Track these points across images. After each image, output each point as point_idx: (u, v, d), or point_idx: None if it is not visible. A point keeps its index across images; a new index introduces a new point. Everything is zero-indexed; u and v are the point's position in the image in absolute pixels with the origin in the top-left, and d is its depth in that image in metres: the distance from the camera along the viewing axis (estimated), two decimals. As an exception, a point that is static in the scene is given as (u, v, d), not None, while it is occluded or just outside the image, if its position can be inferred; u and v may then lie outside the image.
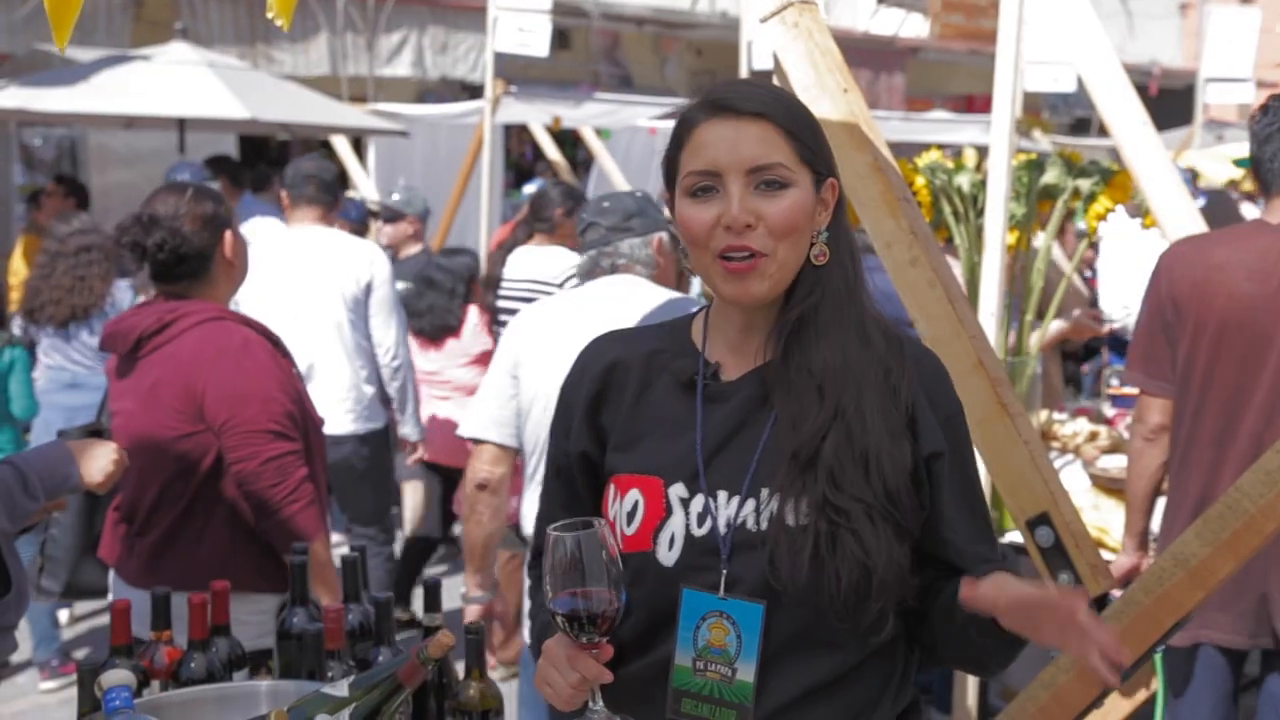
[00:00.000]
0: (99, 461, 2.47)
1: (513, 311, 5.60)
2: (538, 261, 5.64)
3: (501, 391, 3.12)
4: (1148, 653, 2.45)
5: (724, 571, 1.65)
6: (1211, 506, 2.40)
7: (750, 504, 1.67)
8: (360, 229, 7.50)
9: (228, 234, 3.05)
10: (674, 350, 1.78)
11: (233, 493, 2.95)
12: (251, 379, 2.93)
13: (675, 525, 1.68)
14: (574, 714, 1.63)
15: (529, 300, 5.57)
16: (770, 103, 1.67)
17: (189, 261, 3.00)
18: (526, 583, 1.89)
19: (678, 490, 1.69)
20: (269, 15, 1.75)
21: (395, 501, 6.01)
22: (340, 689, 1.71)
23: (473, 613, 3.21)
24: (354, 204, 7.83)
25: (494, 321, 5.72)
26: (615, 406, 1.78)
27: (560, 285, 5.55)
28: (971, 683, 3.57)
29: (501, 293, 5.67)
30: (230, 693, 2.01)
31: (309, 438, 3.03)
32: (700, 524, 1.68)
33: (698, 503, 1.68)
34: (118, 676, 1.89)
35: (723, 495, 1.68)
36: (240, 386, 2.92)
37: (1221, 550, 2.35)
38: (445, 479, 6.02)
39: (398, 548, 6.01)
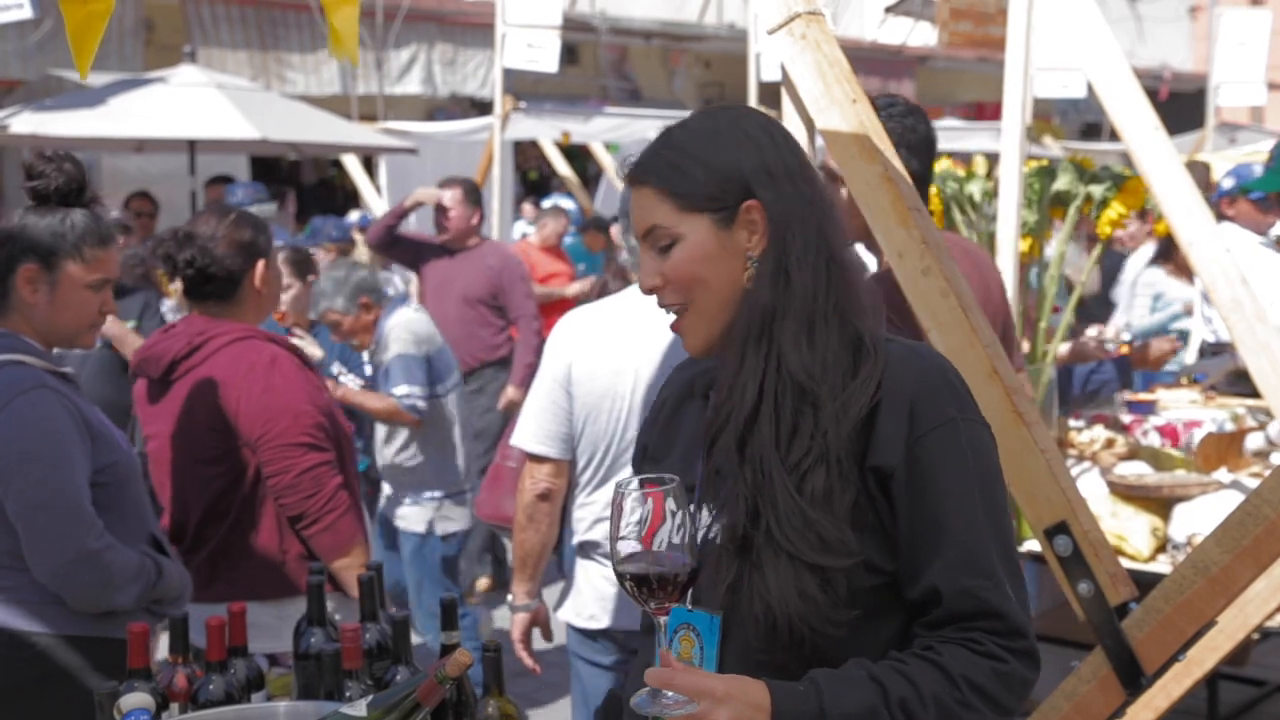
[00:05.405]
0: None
1: None
2: None
3: (556, 404, 3.10)
4: (1169, 661, 2.44)
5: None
6: (1231, 513, 2.38)
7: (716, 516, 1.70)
8: (347, 248, 7.51)
9: (260, 263, 3.11)
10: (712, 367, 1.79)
11: (276, 504, 3.03)
12: (281, 394, 3.01)
13: (664, 534, 1.65)
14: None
15: None
16: (648, 164, 1.69)
17: (215, 282, 3.07)
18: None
19: (669, 503, 1.67)
20: (332, 53, 1.78)
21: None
22: (358, 709, 1.71)
23: (520, 621, 3.23)
24: (336, 224, 7.85)
25: None
26: (651, 424, 1.89)
27: None
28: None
29: None
30: (249, 714, 2.00)
31: (341, 448, 3.12)
32: (677, 534, 1.66)
33: (681, 514, 1.68)
34: (136, 700, 1.90)
35: (705, 509, 1.70)
36: (271, 402, 3.00)
37: (1242, 557, 2.33)
38: None
39: None
